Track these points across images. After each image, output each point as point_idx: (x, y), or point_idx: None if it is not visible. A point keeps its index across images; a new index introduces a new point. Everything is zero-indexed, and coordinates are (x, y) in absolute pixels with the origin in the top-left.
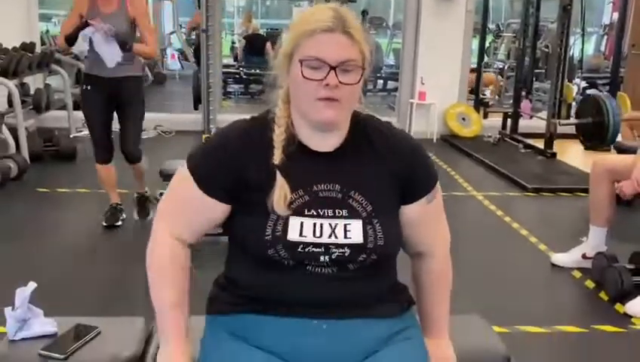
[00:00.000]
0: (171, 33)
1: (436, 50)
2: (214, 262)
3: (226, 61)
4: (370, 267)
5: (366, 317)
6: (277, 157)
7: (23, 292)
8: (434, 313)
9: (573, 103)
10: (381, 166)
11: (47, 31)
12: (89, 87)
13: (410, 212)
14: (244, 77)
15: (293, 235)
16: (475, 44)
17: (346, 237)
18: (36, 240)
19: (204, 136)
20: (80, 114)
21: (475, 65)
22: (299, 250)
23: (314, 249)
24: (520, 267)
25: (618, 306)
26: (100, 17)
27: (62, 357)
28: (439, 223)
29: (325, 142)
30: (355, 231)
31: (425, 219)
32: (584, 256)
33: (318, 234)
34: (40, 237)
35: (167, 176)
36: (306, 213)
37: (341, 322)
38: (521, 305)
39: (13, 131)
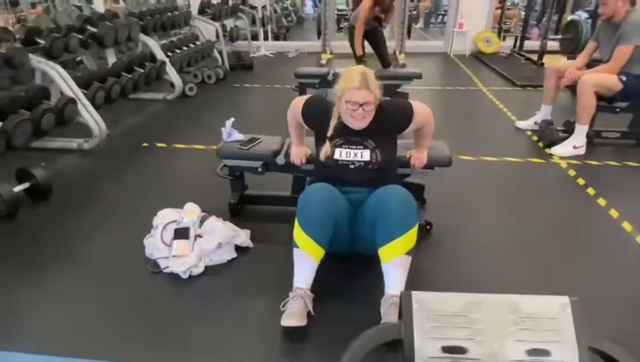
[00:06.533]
0: None
1: None
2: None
3: (341, 7)
4: (376, 170)
5: (373, 187)
6: (330, 133)
7: (229, 121)
8: (422, 143)
9: None
10: (386, 122)
11: None
12: None
13: (408, 129)
14: None
15: (336, 156)
16: None
17: (361, 157)
18: (234, 108)
19: (322, 55)
20: (255, 42)
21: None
22: (339, 162)
23: (346, 162)
24: (496, 127)
25: (547, 150)
26: None
27: (246, 148)
28: (423, 117)
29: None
30: (365, 155)
31: (415, 124)
32: (535, 123)
33: (347, 156)
34: (235, 107)
35: (299, 75)
36: (343, 147)
37: (361, 188)
38: (488, 146)
39: (220, 53)
